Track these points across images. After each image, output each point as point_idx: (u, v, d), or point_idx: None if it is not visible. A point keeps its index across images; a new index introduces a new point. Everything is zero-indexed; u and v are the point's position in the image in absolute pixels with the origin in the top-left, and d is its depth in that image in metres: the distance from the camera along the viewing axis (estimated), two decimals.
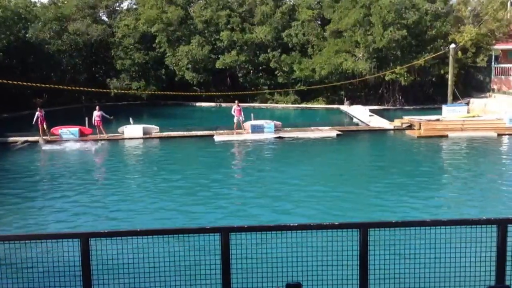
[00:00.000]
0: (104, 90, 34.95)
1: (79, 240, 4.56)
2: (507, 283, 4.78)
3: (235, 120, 25.24)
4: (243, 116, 25.36)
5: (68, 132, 25.13)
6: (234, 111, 25.37)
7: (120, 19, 41.36)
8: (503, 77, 32.97)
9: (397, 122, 26.69)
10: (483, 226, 4.80)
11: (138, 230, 5.09)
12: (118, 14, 42.36)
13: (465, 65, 33.13)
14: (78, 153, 22.51)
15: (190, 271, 4.91)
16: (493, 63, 33.04)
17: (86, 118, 25.78)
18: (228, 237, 4.63)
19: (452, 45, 30.48)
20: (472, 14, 33.44)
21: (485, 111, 29.16)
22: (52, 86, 30.97)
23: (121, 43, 39.92)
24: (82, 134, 25.31)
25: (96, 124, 24.89)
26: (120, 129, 25.87)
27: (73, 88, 33.09)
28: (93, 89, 33.34)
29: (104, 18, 43.57)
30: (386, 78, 33.43)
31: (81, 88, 33.27)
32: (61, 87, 32.03)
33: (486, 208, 12.94)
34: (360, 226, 4.74)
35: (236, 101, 26.01)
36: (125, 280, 4.77)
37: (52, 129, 25.04)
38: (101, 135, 25.02)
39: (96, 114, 24.99)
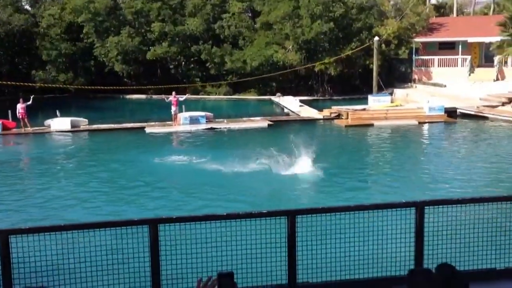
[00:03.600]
0: (27, 84, 33.31)
1: None
2: (425, 263, 4.96)
3: (172, 111, 24.99)
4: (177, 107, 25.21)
5: None
6: (171, 102, 25.01)
7: (44, 8, 39.62)
8: (423, 68, 34.95)
9: (326, 112, 27.48)
10: (402, 209, 5.02)
11: (62, 225, 4.96)
12: (42, 3, 40.54)
13: (388, 57, 34.75)
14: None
15: (118, 265, 4.80)
16: (413, 55, 34.91)
17: (9, 111, 24.64)
18: (157, 228, 4.57)
19: (376, 38, 31.91)
20: (394, 8, 35.16)
21: (407, 101, 30.77)
22: None
23: (47, 33, 38.28)
24: (5, 127, 24.19)
25: (20, 116, 23.89)
26: (46, 122, 24.96)
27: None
28: (15, 83, 31.78)
29: (27, 7, 41.56)
30: (316, 69, 34.45)
31: (5, 82, 31.64)
32: None
33: (408, 192, 13.39)
34: (288, 214, 4.80)
35: (173, 92, 25.77)
36: (48, 278, 4.61)
37: None
38: (26, 128, 24.04)
39: (20, 106, 23.97)
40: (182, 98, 25.90)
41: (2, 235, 4.38)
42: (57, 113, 25.12)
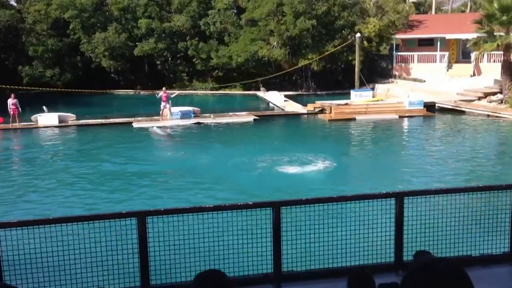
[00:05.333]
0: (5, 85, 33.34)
1: None
2: (405, 251, 5.10)
3: (161, 106, 25.45)
4: (169, 103, 25.54)
5: None
6: (161, 97, 25.48)
7: (30, 4, 39.63)
8: (403, 64, 35.83)
9: (310, 107, 27.93)
10: (383, 199, 5.17)
11: (51, 218, 4.95)
12: None
13: (370, 53, 35.53)
14: None
15: (107, 258, 4.78)
16: (394, 51, 35.79)
17: None
18: (145, 221, 4.62)
19: (358, 35, 32.71)
20: (375, 6, 36.01)
21: (388, 96, 31.57)
22: None
23: (33, 29, 38.32)
24: None
25: (12, 112, 24.19)
26: (33, 118, 25.20)
27: None
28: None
29: (13, 3, 41.49)
30: (300, 64, 35.20)
31: None
32: None
33: (388, 183, 13.71)
34: (273, 205, 4.89)
35: (163, 88, 26.22)
36: (38, 270, 4.59)
37: None
38: (14, 124, 24.35)
39: (11, 102, 24.24)
40: (173, 94, 26.52)
41: None
42: (44, 108, 25.41)
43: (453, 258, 5.12)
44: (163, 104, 25.44)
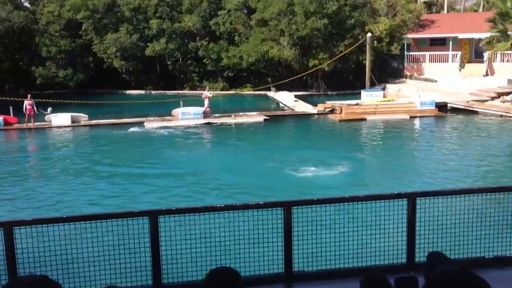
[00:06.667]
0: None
1: (2, 229, 4.44)
2: (417, 252, 5.08)
3: (206, 105, 26.15)
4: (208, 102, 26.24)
5: None
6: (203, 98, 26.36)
7: (43, 5, 40.10)
8: (414, 64, 35.60)
9: (320, 107, 27.89)
10: (395, 200, 5.09)
11: (64, 217, 5.00)
12: (41, 1, 41.01)
13: (380, 53, 35.33)
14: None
15: (120, 256, 4.81)
16: (405, 51, 35.61)
17: (11, 107, 25.23)
18: (157, 220, 4.63)
19: (369, 35, 32.61)
20: (387, 5, 35.85)
21: (399, 96, 31.40)
22: None
23: (46, 30, 38.78)
24: (7, 123, 24.81)
25: (28, 112, 24.51)
26: (47, 118, 25.58)
27: None
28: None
29: (27, 4, 42.05)
30: (310, 64, 35.16)
31: None
32: None
33: (400, 183, 13.70)
34: (284, 205, 4.87)
35: (206, 88, 27.29)
36: (52, 268, 4.64)
37: None
38: (28, 124, 24.68)
39: (28, 102, 24.60)
40: (210, 94, 26.89)
41: (6, 226, 4.44)
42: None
43: (466, 259, 5.09)
44: (206, 102, 25.99)
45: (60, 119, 25.28)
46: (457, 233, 5.24)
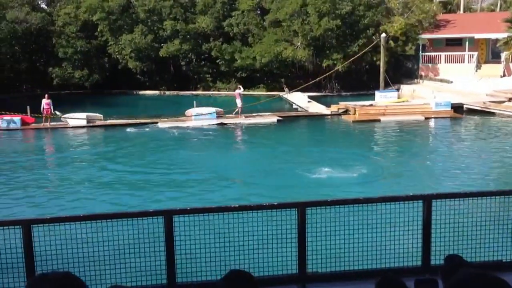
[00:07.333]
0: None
1: (20, 227, 4.48)
2: (432, 255, 5.05)
3: (238, 103, 26.30)
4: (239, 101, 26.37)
5: (9, 120, 24.90)
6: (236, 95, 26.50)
7: (60, 7, 40.67)
8: (429, 64, 35.36)
9: (333, 108, 27.74)
10: (410, 202, 5.06)
11: (81, 215, 5.04)
12: (57, 2, 41.60)
13: (395, 54, 35.07)
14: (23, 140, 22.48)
15: (135, 255, 4.84)
16: (420, 51, 35.31)
17: (28, 107, 25.61)
18: (171, 219, 4.66)
19: (383, 35, 32.41)
20: (402, 5, 35.59)
21: (414, 96, 31.14)
22: None
23: (63, 31, 39.32)
24: (24, 123, 25.17)
25: (45, 112, 24.86)
26: (63, 118, 25.91)
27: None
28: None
29: (43, 6, 42.69)
30: (323, 65, 35.07)
31: None
32: None
33: (416, 185, 13.56)
34: (298, 206, 4.85)
35: (239, 86, 27.60)
36: (69, 266, 4.68)
37: None
38: (45, 123, 25.01)
39: (45, 102, 24.96)
40: (241, 90, 27.13)
41: (24, 225, 4.50)
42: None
43: (482, 263, 5.04)
44: (237, 102, 26.15)
45: (76, 119, 25.57)
46: (473, 236, 5.18)
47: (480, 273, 1.64)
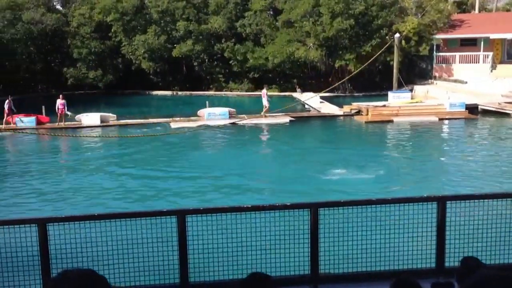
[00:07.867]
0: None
1: (36, 225, 4.54)
2: (447, 257, 5.03)
3: (265, 103, 26.48)
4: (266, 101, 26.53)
5: (25, 120, 25.24)
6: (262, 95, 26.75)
7: (75, 8, 41.13)
8: (444, 65, 35.06)
9: (346, 108, 27.68)
10: (424, 203, 5.04)
11: (96, 214, 5.11)
12: (72, 3, 42.08)
13: (408, 54, 34.84)
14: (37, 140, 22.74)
15: (148, 255, 4.87)
16: (434, 51, 34.99)
17: (43, 107, 25.92)
18: (185, 219, 4.69)
19: (397, 35, 32.18)
20: (416, 5, 35.32)
21: (427, 97, 30.86)
22: None
23: (77, 32, 39.78)
24: (39, 122, 25.49)
25: (59, 112, 25.16)
26: (77, 117, 26.19)
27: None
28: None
29: (59, 7, 43.22)
30: (336, 65, 34.94)
31: None
32: None
33: (430, 186, 13.42)
34: (311, 206, 4.86)
35: (265, 85, 28.13)
36: (83, 264, 4.72)
37: (7, 118, 25.08)
38: (60, 123, 25.31)
39: (60, 102, 25.28)
40: (266, 90, 27.39)
41: (40, 223, 4.57)
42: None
43: (497, 265, 4.98)
44: (263, 101, 26.31)
45: (90, 119, 25.84)
46: (488, 238, 5.14)
47: (500, 274, 1.61)
